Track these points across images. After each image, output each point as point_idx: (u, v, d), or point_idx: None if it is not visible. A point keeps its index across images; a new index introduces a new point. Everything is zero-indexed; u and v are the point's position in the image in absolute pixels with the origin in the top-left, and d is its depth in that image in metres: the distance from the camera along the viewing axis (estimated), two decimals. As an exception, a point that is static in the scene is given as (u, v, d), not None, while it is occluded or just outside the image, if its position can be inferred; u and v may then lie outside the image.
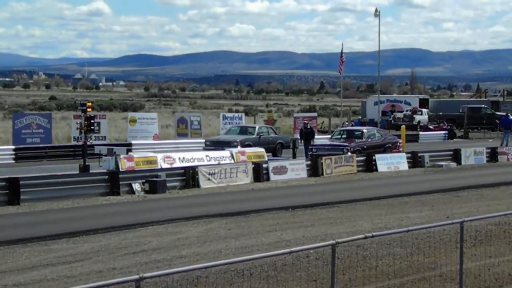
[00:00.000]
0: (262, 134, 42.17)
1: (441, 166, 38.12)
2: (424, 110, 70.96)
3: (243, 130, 43.28)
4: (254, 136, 41.61)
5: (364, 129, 42.48)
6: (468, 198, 26.82)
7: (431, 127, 67.17)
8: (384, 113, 71.18)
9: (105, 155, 30.70)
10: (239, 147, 38.18)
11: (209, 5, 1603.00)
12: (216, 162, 32.27)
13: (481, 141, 57.76)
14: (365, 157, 36.33)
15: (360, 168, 35.52)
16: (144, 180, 27.25)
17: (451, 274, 13.57)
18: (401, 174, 35.65)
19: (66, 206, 24.03)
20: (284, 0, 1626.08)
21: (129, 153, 32.03)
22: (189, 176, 28.87)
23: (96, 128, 35.83)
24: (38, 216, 22.15)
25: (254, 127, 43.63)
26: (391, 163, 36.75)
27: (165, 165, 30.78)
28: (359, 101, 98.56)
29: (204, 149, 38.86)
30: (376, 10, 61.17)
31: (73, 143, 42.01)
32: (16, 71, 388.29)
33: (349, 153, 36.73)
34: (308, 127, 42.53)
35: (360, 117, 77.00)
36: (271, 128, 45.43)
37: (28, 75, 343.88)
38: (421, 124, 67.15)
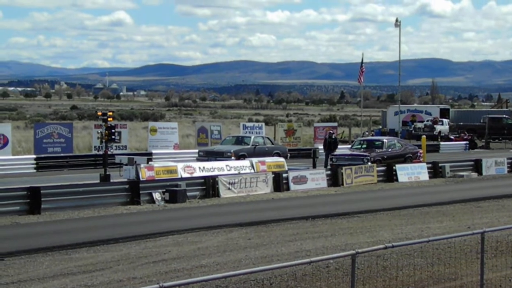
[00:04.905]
0: (257, 144, 41.64)
1: (462, 176, 37.96)
2: (445, 120, 70.75)
3: (238, 140, 42.69)
4: (249, 146, 41.15)
5: (385, 139, 42.36)
6: (489, 209, 26.67)
7: (452, 137, 66.89)
8: (404, 123, 70.97)
9: (126, 165, 30.76)
10: (233, 158, 37.94)
11: (230, 15, 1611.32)
12: (236, 172, 32.29)
13: (502, 152, 57.45)
14: (385, 167, 36.25)
15: (381, 178, 35.44)
16: (164, 190, 27.33)
17: (472, 285, 13.49)
18: (421, 184, 35.52)
19: (86, 215, 24.14)
20: (305, 10, 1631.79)
21: (150, 163, 32.12)
22: (209, 186, 28.93)
23: (117, 137, 35.99)
24: (59, 225, 22.26)
25: (250, 137, 43.02)
26: (411, 173, 36.66)
27: (185, 175, 30.87)
28: (380, 111, 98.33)
29: (198, 160, 38.55)
30: (396, 20, 60.95)
31: (94, 152, 42.25)
32: (38, 80, 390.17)
33: (369, 163, 36.64)
34: (333, 137, 42.46)
35: (380, 127, 76.81)
36: (267, 138, 45.16)
37: (50, 84, 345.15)
38: (442, 134, 66.90)
